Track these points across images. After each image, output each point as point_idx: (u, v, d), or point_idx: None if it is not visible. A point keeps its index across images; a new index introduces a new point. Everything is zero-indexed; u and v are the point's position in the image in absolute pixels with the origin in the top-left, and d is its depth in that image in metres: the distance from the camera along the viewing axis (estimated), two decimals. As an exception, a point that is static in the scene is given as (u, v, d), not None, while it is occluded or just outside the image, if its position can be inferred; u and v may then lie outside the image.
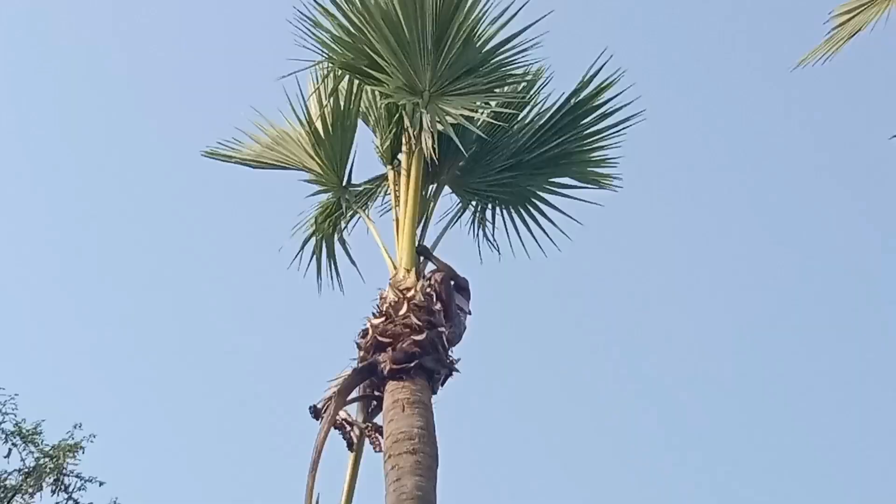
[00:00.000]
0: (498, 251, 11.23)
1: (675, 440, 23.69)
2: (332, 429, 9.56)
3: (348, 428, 9.89)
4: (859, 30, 9.72)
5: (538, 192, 11.17)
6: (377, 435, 9.53)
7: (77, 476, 16.22)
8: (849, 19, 9.85)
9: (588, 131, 10.98)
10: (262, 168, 11.25)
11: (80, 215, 25.96)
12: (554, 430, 22.63)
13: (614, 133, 10.98)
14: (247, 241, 22.18)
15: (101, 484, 16.31)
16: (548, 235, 11.19)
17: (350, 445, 9.90)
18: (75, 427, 16.47)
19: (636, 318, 23.90)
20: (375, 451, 9.49)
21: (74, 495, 16.14)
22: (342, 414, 9.79)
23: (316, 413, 9.61)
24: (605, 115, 10.92)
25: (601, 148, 11.04)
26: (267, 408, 22.65)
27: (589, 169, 11.09)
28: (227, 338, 24.28)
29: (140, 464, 22.66)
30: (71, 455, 16.27)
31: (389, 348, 9.45)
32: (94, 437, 16.52)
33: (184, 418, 24.00)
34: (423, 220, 10.40)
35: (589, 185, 11.16)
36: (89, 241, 26.07)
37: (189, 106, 24.65)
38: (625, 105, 10.89)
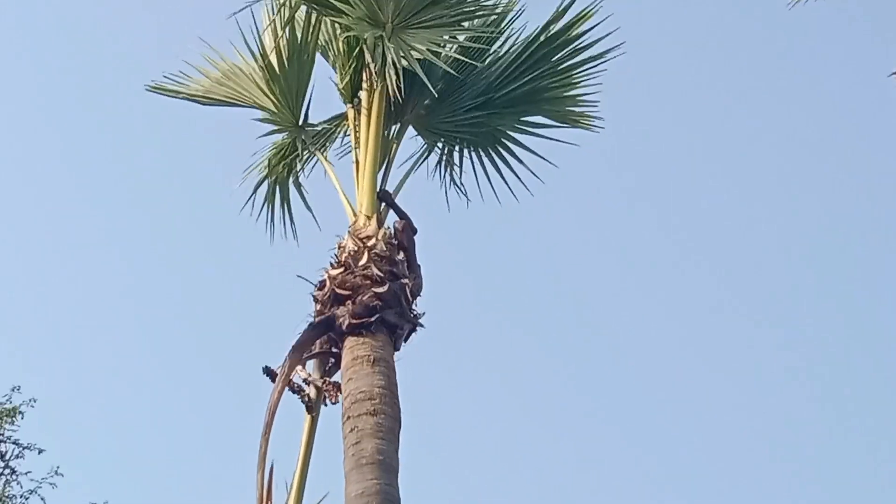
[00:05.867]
0: (466, 197, 10.85)
1: (653, 396, 22.92)
2: (288, 391, 9.36)
3: (305, 388, 9.57)
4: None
5: (509, 132, 10.72)
6: (335, 390, 9.35)
7: (14, 443, 15.95)
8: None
9: (563, 66, 10.49)
10: (212, 104, 10.81)
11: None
12: (525, 388, 21.95)
13: (592, 68, 10.50)
14: (193, 185, 21.17)
15: (40, 452, 15.98)
16: (520, 179, 10.75)
17: (308, 407, 9.58)
18: (13, 390, 16.11)
19: (616, 269, 23.01)
20: (332, 403, 9.35)
21: (11, 463, 15.86)
22: (299, 372, 9.52)
23: (271, 375, 9.34)
24: (581, 49, 10.43)
25: (577, 84, 10.57)
26: (214, 366, 21.74)
27: (565, 108, 10.64)
28: (176, 291, 23.26)
29: (84, 431, 22.16)
30: (9, 420, 15.87)
31: (349, 301, 9.17)
32: (35, 401, 16.14)
33: (131, 384, 23.11)
34: (385, 164, 10.03)
35: (564, 125, 10.69)
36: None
37: (134, 37, 23.55)
38: (603, 37, 10.38)
